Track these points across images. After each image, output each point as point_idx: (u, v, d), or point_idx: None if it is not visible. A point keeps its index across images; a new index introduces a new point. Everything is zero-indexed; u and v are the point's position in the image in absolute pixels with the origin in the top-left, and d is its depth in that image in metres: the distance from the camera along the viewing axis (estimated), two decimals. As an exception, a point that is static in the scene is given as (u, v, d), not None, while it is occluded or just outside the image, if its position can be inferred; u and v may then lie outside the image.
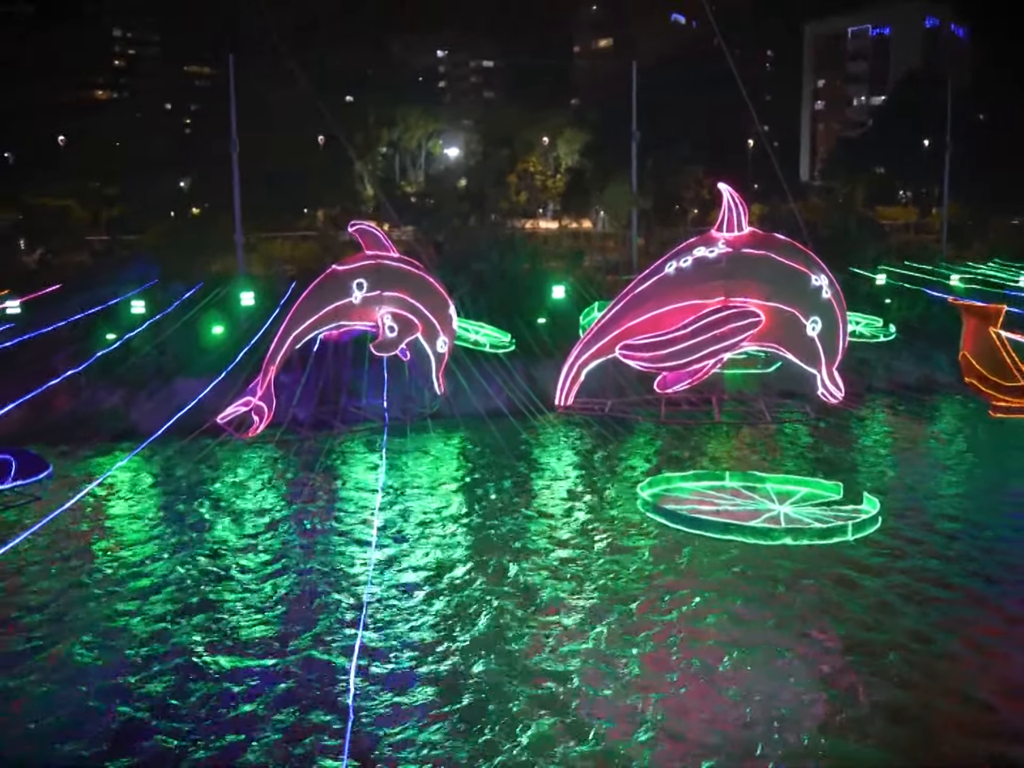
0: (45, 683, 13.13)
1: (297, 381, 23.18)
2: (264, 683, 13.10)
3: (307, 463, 23.41)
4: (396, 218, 40.93)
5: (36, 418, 24.14)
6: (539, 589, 16.26)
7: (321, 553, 18.14)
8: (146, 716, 12.32)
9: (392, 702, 12.57)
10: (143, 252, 36.12)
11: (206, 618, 15.20)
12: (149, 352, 27.47)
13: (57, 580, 16.99)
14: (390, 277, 22.85)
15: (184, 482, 22.48)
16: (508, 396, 25.40)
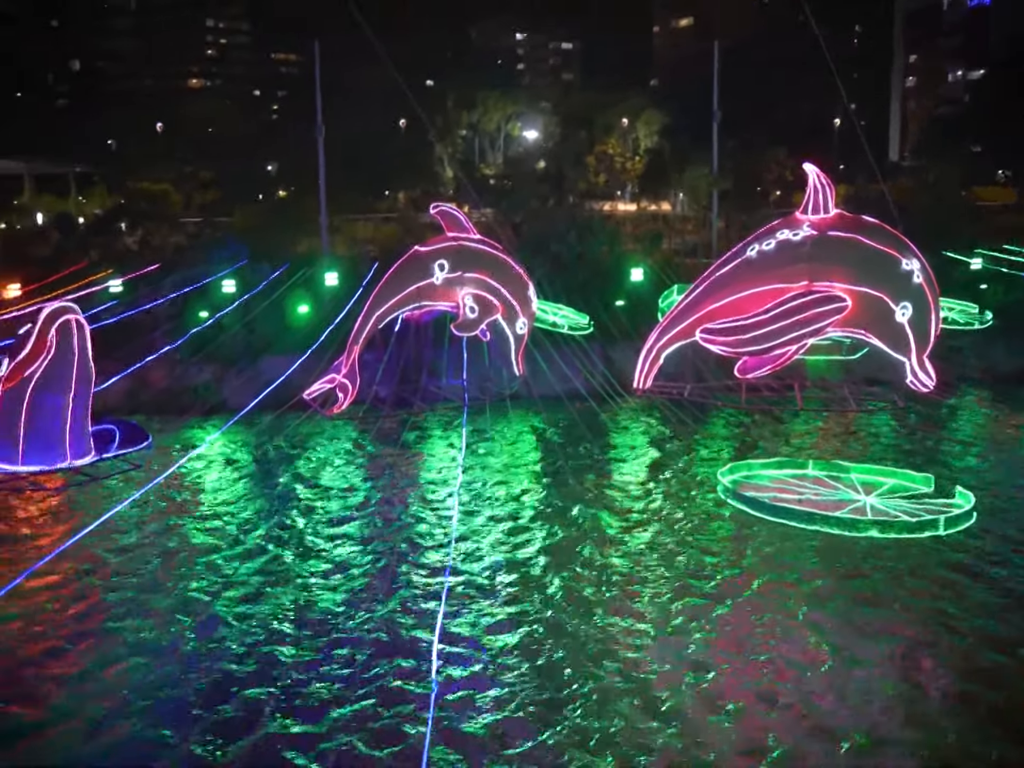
0: (143, 642, 13.91)
1: (379, 360, 23.77)
2: (347, 652, 13.56)
3: (388, 440, 24.07)
4: (475, 200, 41.28)
5: (136, 391, 25.43)
6: (615, 571, 16.39)
7: (402, 528, 18.65)
8: (235, 677, 12.94)
9: (471, 675, 12.91)
10: (233, 234, 37.49)
11: (291, 587, 15.85)
12: (239, 330, 28.59)
13: (152, 546, 17.93)
14: (471, 258, 23.17)
15: (271, 456, 23.38)
16: (586, 378, 25.50)
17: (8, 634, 14.26)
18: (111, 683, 12.86)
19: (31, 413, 18.33)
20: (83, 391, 19.04)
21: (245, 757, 11.19)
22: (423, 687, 12.51)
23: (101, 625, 14.67)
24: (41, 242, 41.00)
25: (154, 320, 29.07)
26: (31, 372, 18.29)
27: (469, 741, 11.45)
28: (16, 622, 14.64)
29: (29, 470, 18.68)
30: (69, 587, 16.21)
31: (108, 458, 19.41)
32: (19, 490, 19.75)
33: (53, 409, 18.52)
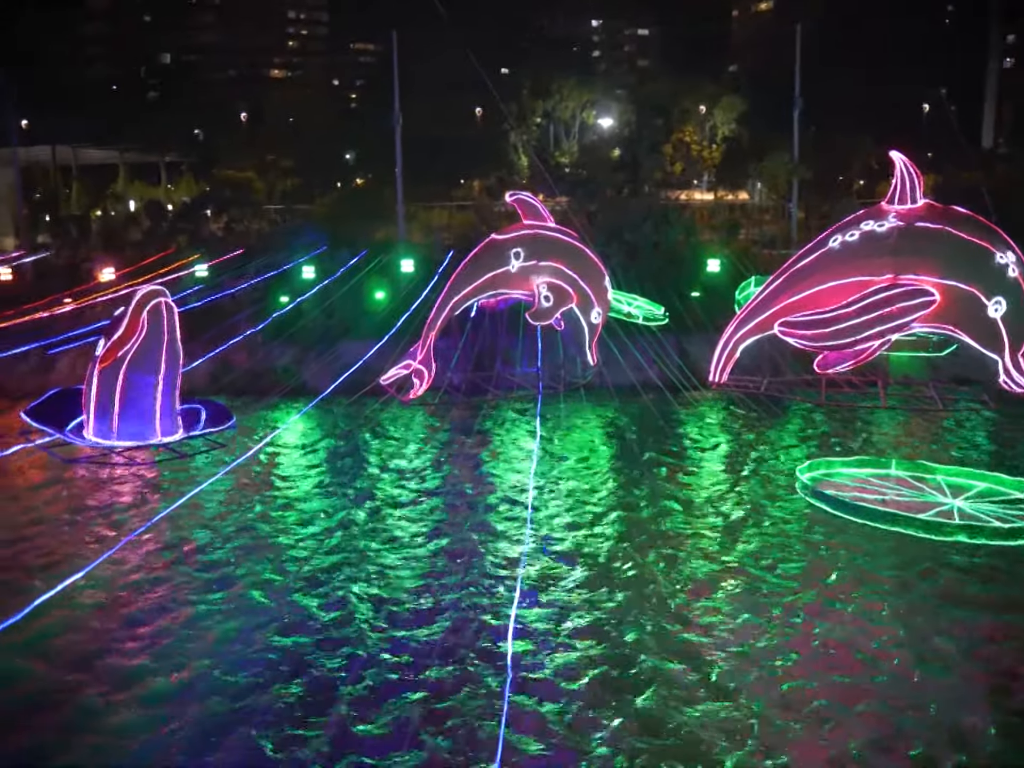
0: (222, 617, 14.44)
1: (455, 347, 24.04)
2: (421, 632, 13.78)
3: (462, 427, 24.35)
4: (550, 188, 41.22)
5: (220, 373, 26.35)
6: (687, 564, 16.27)
7: (475, 513, 18.82)
8: (309, 650, 13.30)
9: (544, 662, 13.00)
10: (313, 221, 38.41)
11: (365, 567, 16.16)
12: (318, 315, 29.33)
13: (234, 524, 18.53)
14: (547, 247, 23.22)
15: (349, 439, 23.90)
16: (660, 369, 25.30)
17: (94, 604, 14.96)
18: (190, 656, 13.31)
19: (124, 391, 19.21)
20: (172, 371, 19.86)
21: (319, 737, 11.50)
22: (496, 672, 12.65)
23: (184, 599, 15.22)
24: (133, 228, 42.85)
25: (237, 304, 30.06)
26: (124, 352, 19.15)
27: (541, 722, 11.58)
28: (102, 592, 15.32)
29: (122, 445, 19.66)
30: (156, 560, 16.93)
31: (195, 436, 20.24)
32: (112, 464, 20.78)
33: (144, 388, 19.36)
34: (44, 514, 19.48)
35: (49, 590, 13.15)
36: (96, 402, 19.30)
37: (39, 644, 13.46)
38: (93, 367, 19.42)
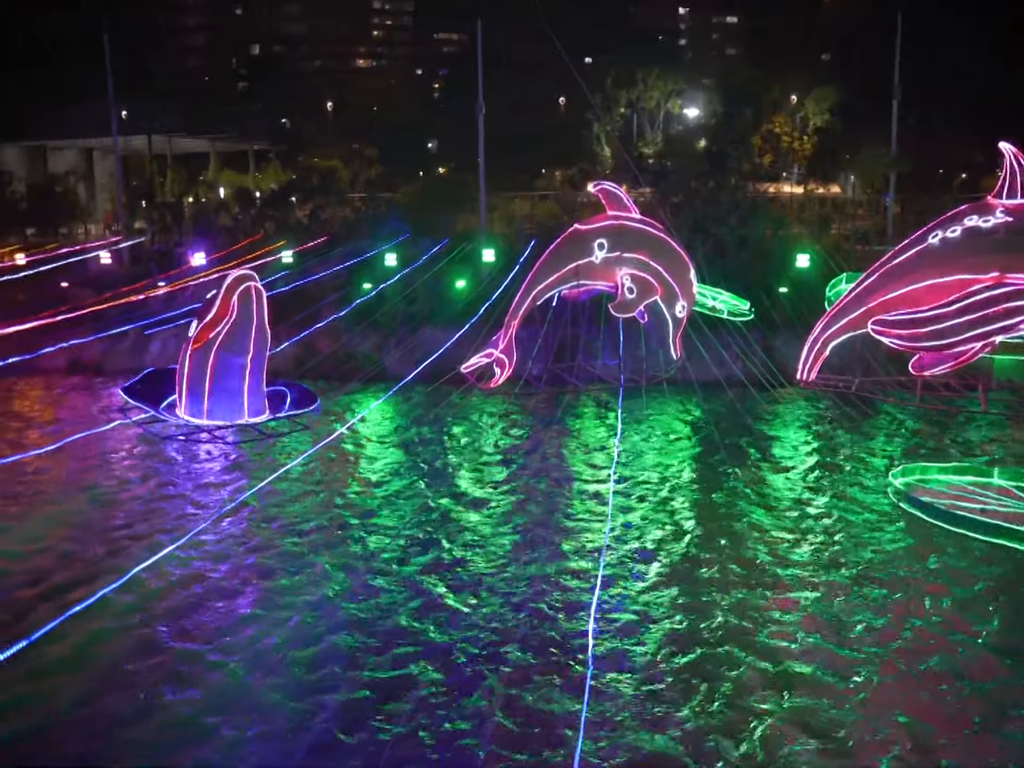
0: (303, 595, 14.66)
1: (536, 337, 23.92)
2: (498, 623, 13.71)
3: (542, 417, 24.20)
4: (633, 179, 40.65)
5: (304, 357, 26.88)
6: (769, 564, 15.78)
7: (554, 504, 18.66)
8: (386, 633, 13.38)
9: (623, 654, 12.81)
10: (396, 209, 38.82)
11: (443, 552, 16.18)
12: (399, 302, 29.63)
13: (316, 504, 18.81)
14: (631, 238, 22.85)
15: (428, 426, 24.01)
16: (745, 366, 24.60)
17: (179, 580, 15.41)
18: (268, 629, 13.57)
19: (215, 372, 19.77)
20: (260, 354, 20.34)
21: (394, 711, 11.58)
22: (575, 661, 12.52)
23: (264, 574, 15.52)
24: (223, 214, 44.17)
25: (322, 290, 30.61)
26: (215, 334, 19.70)
27: (619, 713, 11.41)
28: (186, 566, 15.72)
29: (212, 424, 20.26)
30: (239, 536, 17.34)
31: (280, 417, 20.69)
32: (202, 441, 21.44)
33: (233, 369, 19.89)
34: (138, 487, 20.22)
35: (144, 560, 13.73)
36: (188, 382, 19.94)
37: (142, 604, 14.17)
38: (186, 348, 20.04)
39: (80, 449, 21.81)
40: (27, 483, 20.27)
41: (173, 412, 20.10)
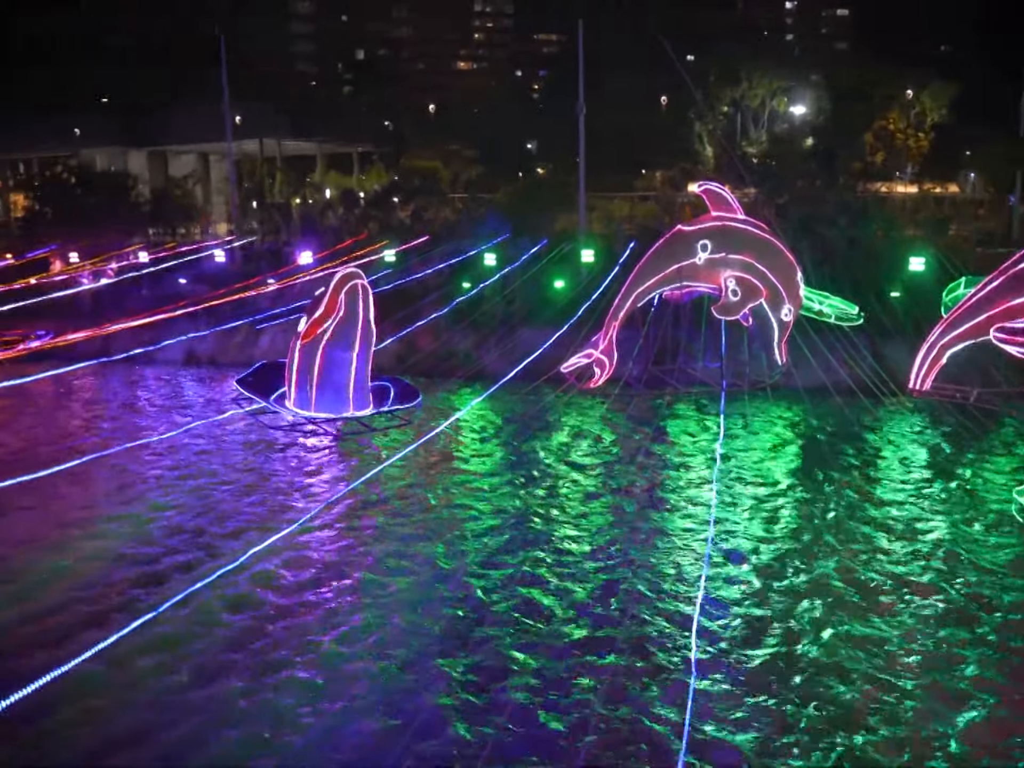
0: (405, 590, 14.89)
1: (636, 338, 23.72)
2: (594, 626, 13.55)
3: (641, 420, 23.90)
4: (737, 179, 39.76)
5: (405, 354, 27.47)
6: (876, 584, 15.00)
7: (653, 510, 18.32)
8: (483, 631, 13.44)
9: (725, 665, 12.53)
10: (496, 209, 39.19)
11: (541, 555, 16.13)
12: (499, 302, 29.90)
13: (414, 499, 19.12)
14: (736, 239, 22.37)
15: (527, 425, 24.03)
16: (853, 373, 23.63)
17: (286, 563, 15.95)
18: (364, 621, 13.85)
19: (323, 366, 20.47)
20: (365, 349, 20.92)
21: (488, 707, 11.68)
22: (676, 668, 12.34)
23: (364, 567, 15.86)
24: (329, 214, 45.67)
25: (423, 288, 31.22)
26: (324, 329, 20.36)
27: (719, 733, 11.17)
28: (295, 552, 16.23)
29: (319, 416, 20.98)
30: (341, 529, 17.81)
31: (384, 412, 21.25)
32: (309, 433, 22.21)
33: (340, 364, 20.53)
34: (248, 475, 21.09)
35: (252, 547, 14.35)
36: (297, 375, 20.70)
37: (259, 581, 14.92)
38: (295, 342, 20.83)
39: (196, 436, 22.92)
40: (150, 464, 21.43)
41: (283, 404, 20.94)
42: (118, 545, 16.82)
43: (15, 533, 17.48)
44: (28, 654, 12.66)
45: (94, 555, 16.35)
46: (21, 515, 18.27)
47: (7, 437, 24.09)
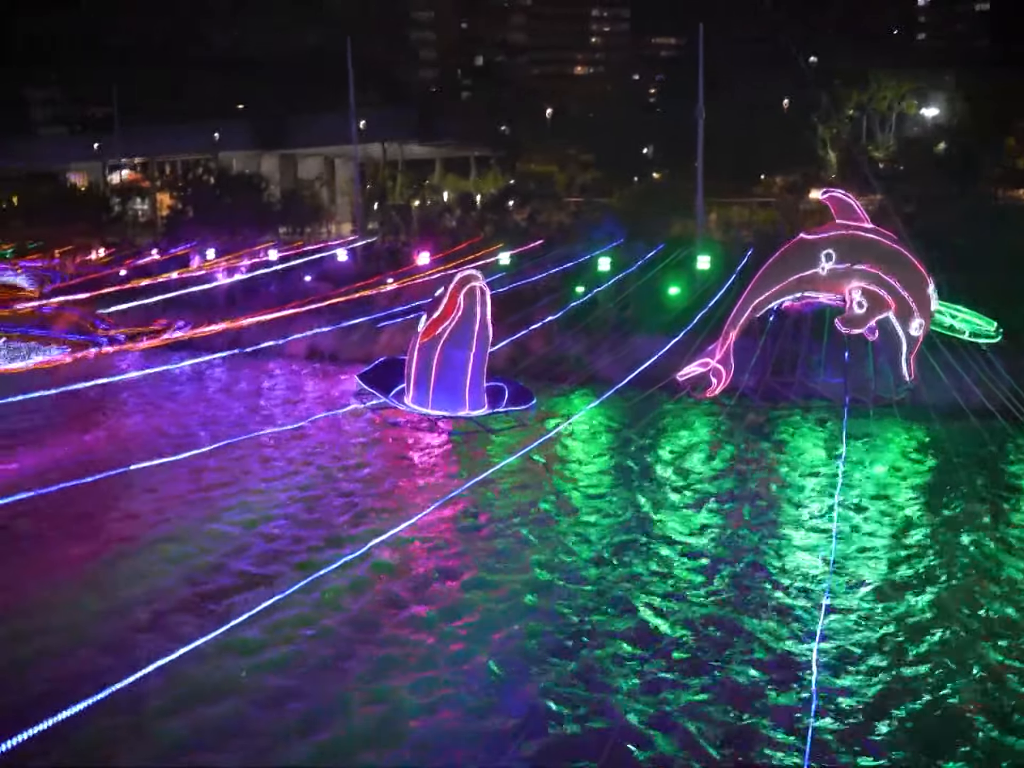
0: (521, 590, 15.09)
1: (754, 348, 23.27)
2: (704, 643, 13.33)
3: (756, 433, 23.26)
4: (862, 186, 38.33)
5: (517, 356, 27.87)
6: (1017, 627, 14.07)
7: (767, 528, 17.74)
8: (578, 639, 13.48)
9: (847, 692, 12.10)
10: (611, 213, 39.20)
11: (648, 564, 16.02)
12: (612, 307, 29.91)
13: (526, 500, 19.22)
14: (862, 249, 21.68)
15: (639, 432, 23.68)
16: (990, 392, 22.24)
17: (403, 557, 16.48)
18: (471, 621, 14.07)
19: (440, 365, 21.08)
20: (482, 350, 21.44)
21: (591, 713, 11.75)
22: (794, 703, 12.04)
23: (472, 565, 16.11)
24: (447, 217, 46.85)
25: (536, 292, 31.59)
26: (442, 329, 20.99)
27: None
28: (402, 550, 16.65)
29: (435, 413, 21.63)
30: (451, 526, 18.13)
31: (498, 412, 21.67)
32: (425, 430, 22.94)
33: (458, 363, 21.11)
34: (365, 468, 21.90)
35: (368, 539, 14.95)
36: (415, 372, 21.45)
37: (374, 573, 15.55)
38: (415, 341, 21.56)
39: (318, 428, 24.00)
40: (274, 452, 22.59)
41: (401, 400, 21.71)
42: (251, 522, 17.93)
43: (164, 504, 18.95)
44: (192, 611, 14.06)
45: (220, 536, 17.47)
46: (170, 486, 19.73)
47: (160, 420, 26.03)
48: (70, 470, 19.32)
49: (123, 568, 16.02)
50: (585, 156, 50.50)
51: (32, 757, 9.82)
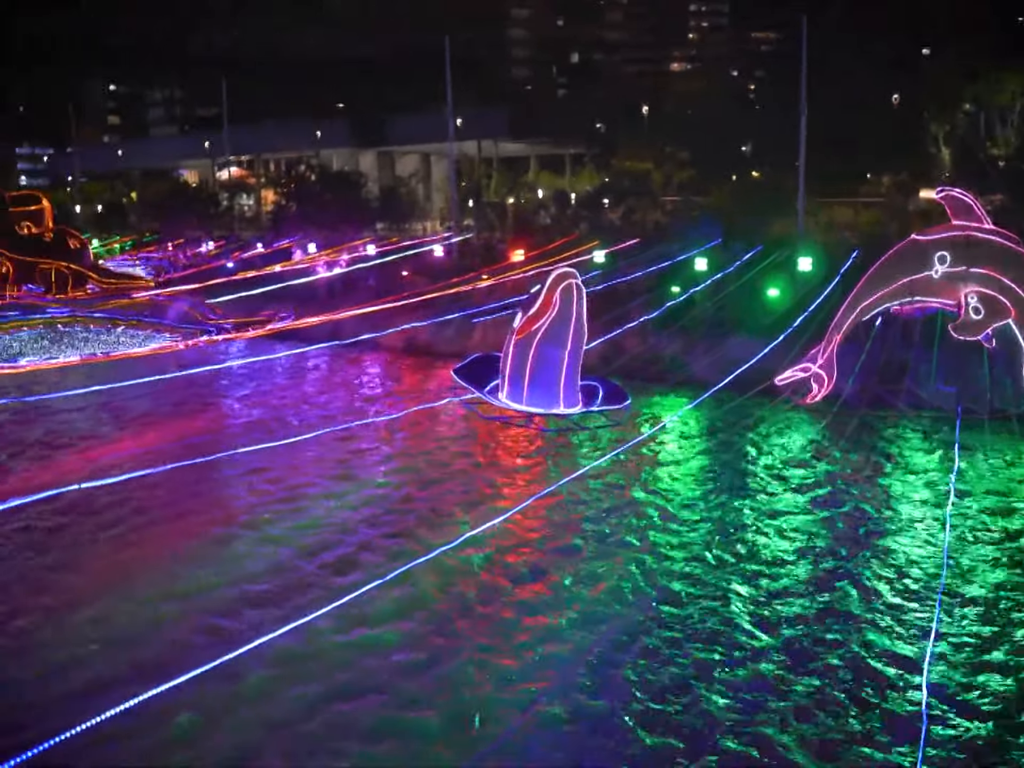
0: (611, 594, 15.01)
1: (859, 353, 22.49)
2: (799, 661, 12.94)
3: (859, 442, 22.36)
4: (980, 184, 36.40)
5: (610, 355, 27.73)
6: None
7: (869, 541, 17.10)
8: (676, 647, 13.38)
9: (959, 719, 11.65)
10: (708, 213, 38.50)
11: (743, 575, 15.66)
12: (708, 307, 29.41)
13: (618, 500, 19.23)
14: (980, 252, 20.66)
15: (733, 438, 23.23)
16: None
17: (499, 549, 16.65)
18: (573, 624, 14.07)
19: (536, 362, 21.19)
20: (577, 348, 21.41)
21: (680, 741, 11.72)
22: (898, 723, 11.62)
23: (560, 565, 16.15)
24: (541, 214, 46.99)
25: (631, 291, 31.34)
26: (538, 327, 21.08)
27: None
28: (485, 546, 16.72)
29: (529, 410, 21.78)
30: (542, 522, 18.25)
31: (592, 411, 21.64)
32: (520, 426, 23.09)
33: (553, 361, 21.15)
34: (459, 461, 22.27)
35: (459, 534, 15.14)
36: (510, 369, 21.61)
37: (464, 567, 15.77)
38: (510, 337, 21.72)
39: (412, 421, 24.52)
40: (370, 438, 23.20)
41: (495, 396, 21.95)
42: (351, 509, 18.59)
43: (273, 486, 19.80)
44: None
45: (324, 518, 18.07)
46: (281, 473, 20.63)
47: (259, 410, 27.15)
48: (193, 447, 20.55)
49: (222, 548, 16.83)
50: (682, 154, 49.69)
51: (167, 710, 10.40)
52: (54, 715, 10.75)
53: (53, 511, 18.17)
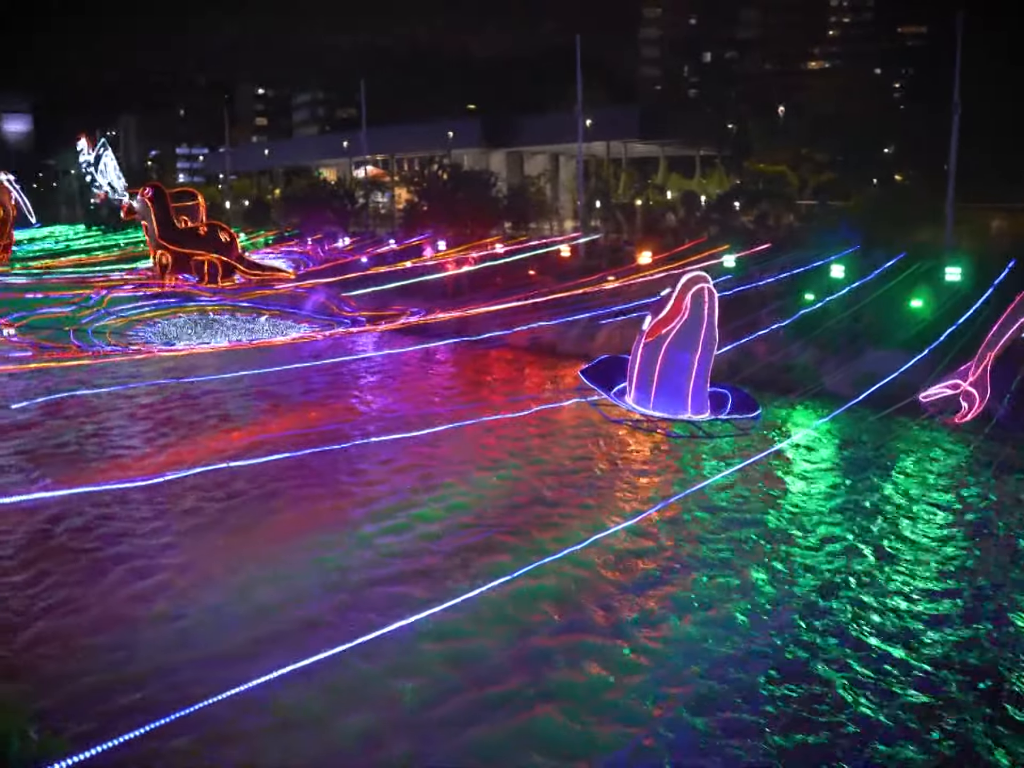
0: (728, 612, 14.77)
1: (1016, 373, 21.11)
2: (940, 697, 12.59)
3: (1010, 466, 21.07)
4: None
5: (739, 363, 27.13)
6: None
7: (1017, 575, 16.23)
8: (791, 669, 13.11)
9: None
10: (847, 218, 36.98)
11: (869, 600, 15.08)
12: (844, 317, 28.27)
13: (739, 515, 18.75)
14: None
15: (872, 455, 22.23)
16: None
17: (619, 555, 16.69)
18: (679, 636, 13.99)
19: (664, 366, 20.98)
20: (707, 354, 21.02)
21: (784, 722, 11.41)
22: None
23: (681, 575, 16.05)
24: (670, 216, 46.42)
25: (762, 297, 30.54)
26: (668, 330, 20.82)
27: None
28: (602, 553, 16.73)
29: (656, 415, 21.63)
30: (663, 531, 18.13)
31: (722, 419, 21.24)
32: (645, 430, 22.99)
33: (681, 366, 20.87)
34: (582, 463, 22.39)
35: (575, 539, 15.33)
36: (638, 372, 21.51)
37: (579, 573, 15.87)
38: (639, 340, 21.57)
39: (538, 420, 24.82)
40: (493, 436, 23.64)
41: (622, 398, 21.88)
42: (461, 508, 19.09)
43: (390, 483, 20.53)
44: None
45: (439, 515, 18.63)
46: (395, 462, 21.37)
47: (391, 399, 28.23)
48: (324, 433, 21.60)
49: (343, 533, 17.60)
50: (819, 155, 47.88)
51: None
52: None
53: (215, 483, 19.57)
